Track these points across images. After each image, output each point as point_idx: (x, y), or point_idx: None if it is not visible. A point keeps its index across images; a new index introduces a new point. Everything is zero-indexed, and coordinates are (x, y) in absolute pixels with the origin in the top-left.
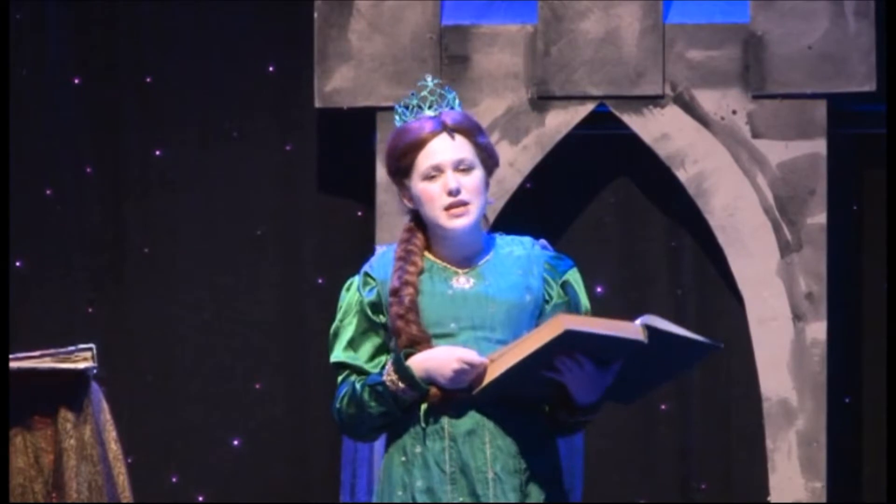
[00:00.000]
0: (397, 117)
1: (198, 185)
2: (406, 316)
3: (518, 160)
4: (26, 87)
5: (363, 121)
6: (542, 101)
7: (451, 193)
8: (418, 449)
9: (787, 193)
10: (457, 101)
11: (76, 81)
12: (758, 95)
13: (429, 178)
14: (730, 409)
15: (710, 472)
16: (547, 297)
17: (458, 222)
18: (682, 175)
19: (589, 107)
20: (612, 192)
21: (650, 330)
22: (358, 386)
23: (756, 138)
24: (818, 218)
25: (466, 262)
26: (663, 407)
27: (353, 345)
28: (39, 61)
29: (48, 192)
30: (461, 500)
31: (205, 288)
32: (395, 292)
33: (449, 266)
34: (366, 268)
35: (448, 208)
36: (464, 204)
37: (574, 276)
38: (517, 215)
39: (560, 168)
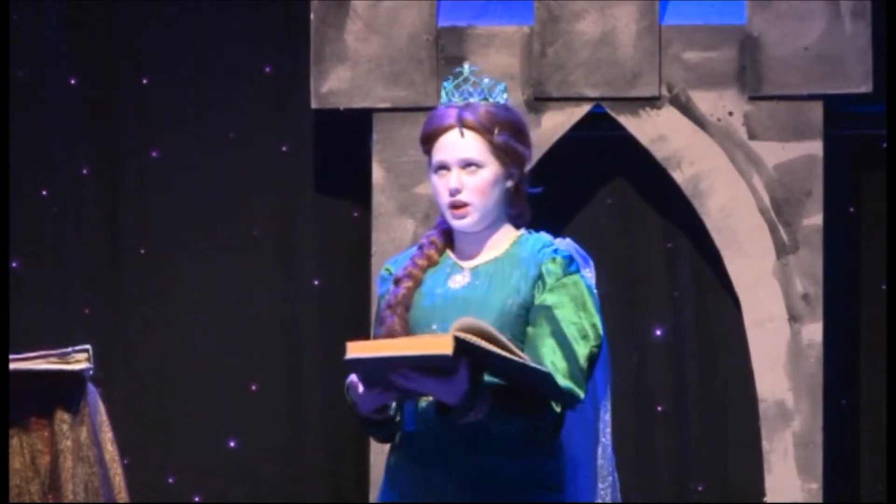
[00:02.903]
0: (443, 94)
1: (194, 186)
2: (395, 308)
3: None
4: (23, 87)
5: (359, 122)
6: (539, 102)
7: (451, 193)
8: (400, 447)
9: (784, 195)
10: (498, 92)
11: (72, 82)
12: (754, 97)
13: (437, 172)
14: (726, 410)
15: (707, 473)
16: (535, 299)
17: (459, 223)
18: (678, 176)
19: (585, 108)
20: (609, 194)
21: (459, 342)
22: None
23: (752, 139)
24: (814, 219)
25: (476, 257)
26: (660, 408)
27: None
28: (36, 62)
29: (44, 192)
30: (428, 499)
31: (201, 289)
32: (396, 282)
33: (458, 261)
34: (389, 261)
35: (450, 207)
36: (463, 205)
37: (548, 268)
38: None
39: (557, 169)
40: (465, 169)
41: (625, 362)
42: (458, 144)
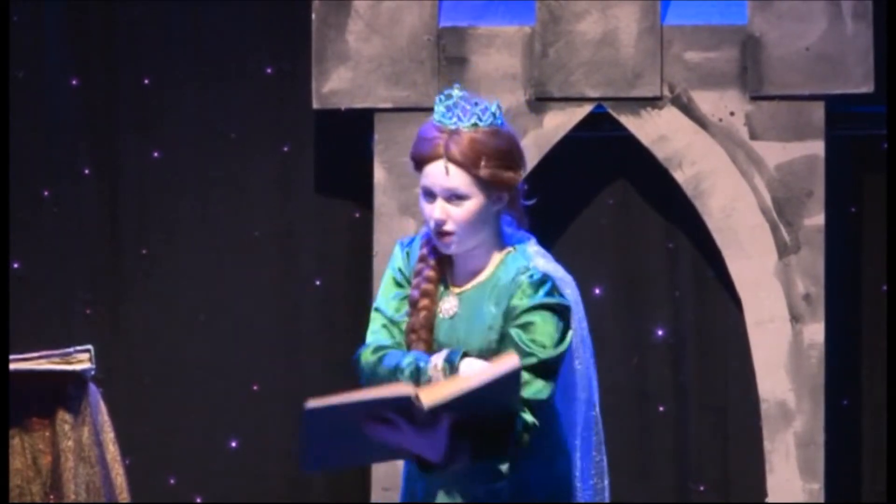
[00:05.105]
0: (435, 111)
1: (196, 186)
2: (419, 332)
3: None
4: (23, 87)
5: (361, 122)
6: (540, 102)
7: (437, 224)
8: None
9: (785, 195)
10: (488, 116)
11: (74, 83)
12: (755, 97)
13: (424, 195)
14: (727, 410)
15: (708, 473)
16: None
17: (446, 251)
18: (679, 176)
19: (587, 108)
20: (610, 194)
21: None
22: (397, 353)
23: (754, 140)
24: (816, 219)
25: (464, 279)
26: (661, 408)
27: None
28: (37, 63)
29: (46, 193)
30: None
31: (202, 289)
32: (413, 304)
33: (449, 283)
34: (404, 241)
35: (436, 233)
36: (448, 234)
37: (517, 301)
38: None
39: (558, 169)
40: (450, 200)
41: (625, 362)
42: (444, 177)
